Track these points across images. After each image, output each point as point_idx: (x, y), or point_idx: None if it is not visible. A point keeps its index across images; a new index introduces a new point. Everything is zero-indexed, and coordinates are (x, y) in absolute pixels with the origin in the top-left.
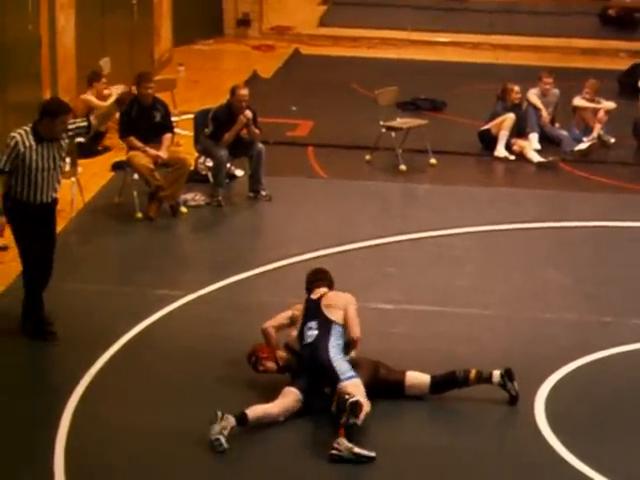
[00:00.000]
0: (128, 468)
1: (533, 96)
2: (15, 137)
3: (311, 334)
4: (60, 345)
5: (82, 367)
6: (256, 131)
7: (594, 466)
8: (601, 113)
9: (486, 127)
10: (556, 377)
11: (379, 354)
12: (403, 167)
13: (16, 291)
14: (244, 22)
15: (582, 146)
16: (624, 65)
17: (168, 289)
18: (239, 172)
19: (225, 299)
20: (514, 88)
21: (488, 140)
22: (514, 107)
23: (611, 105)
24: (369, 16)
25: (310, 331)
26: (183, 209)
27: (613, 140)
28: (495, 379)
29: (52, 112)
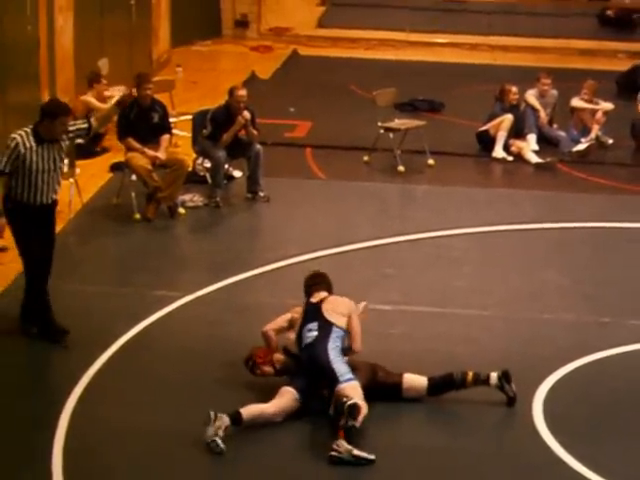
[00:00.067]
0: (126, 468)
1: (531, 97)
2: (16, 138)
3: (310, 335)
4: (59, 346)
5: (81, 368)
6: (254, 132)
7: (592, 467)
8: (599, 114)
9: (484, 128)
10: (554, 378)
11: (377, 355)
12: (401, 168)
13: (15, 291)
14: (242, 23)
15: (580, 147)
16: (622, 66)
17: (166, 290)
18: (237, 173)
19: (223, 300)
20: (512, 89)
21: (486, 141)
22: (512, 108)
23: (609, 106)
24: (367, 17)
25: (310, 332)
26: (181, 210)
27: (611, 141)
28: (492, 381)
29: (52, 113)
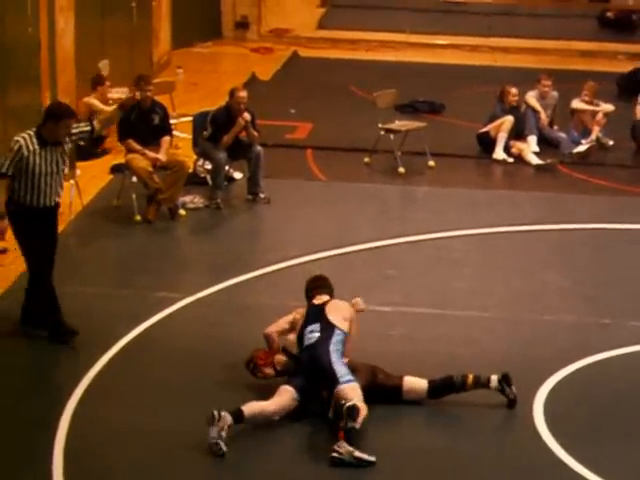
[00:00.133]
0: (127, 469)
1: (532, 98)
2: (19, 141)
3: (312, 336)
4: (59, 347)
5: (81, 369)
6: (255, 133)
7: (593, 468)
8: (599, 115)
9: (485, 129)
10: (555, 379)
11: (378, 356)
12: (402, 169)
13: (16, 293)
14: (243, 25)
15: (580, 148)
16: (623, 68)
17: (167, 291)
18: (238, 174)
19: (224, 301)
20: (511, 90)
21: (487, 142)
22: (512, 109)
23: (609, 107)
24: (367, 19)
25: (311, 334)
26: (182, 212)
27: (612, 142)
28: (493, 384)
29: (56, 116)
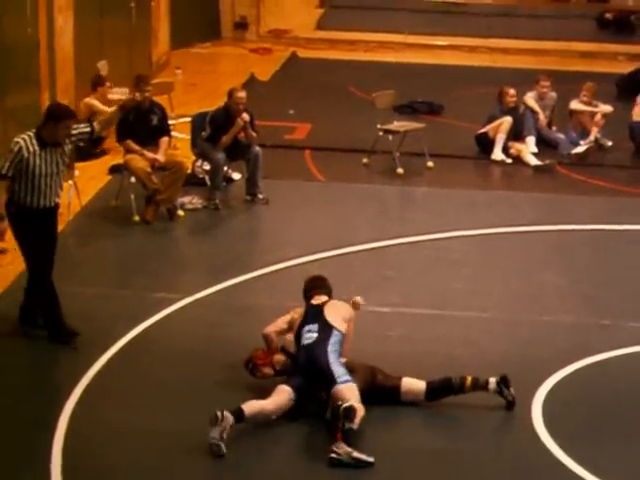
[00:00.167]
0: (126, 469)
1: (530, 99)
2: (19, 142)
3: (310, 336)
4: (58, 347)
5: (80, 369)
6: (253, 134)
7: (592, 469)
8: (598, 116)
9: (483, 130)
10: (554, 380)
11: (377, 357)
12: (400, 170)
13: (15, 293)
14: (241, 25)
15: (579, 149)
16: (622, 69)
17: (166, 292)
18: (236, 175)
19: (223, 302)
20: (509, 91)
21: (485, 143)
22: (511, 110)
23: (608, 108)
24: (366, 19)
25: (309, 333)
26: (180, 212)
27: (610, 143)
28: (491, 386)
29: (56, 117)
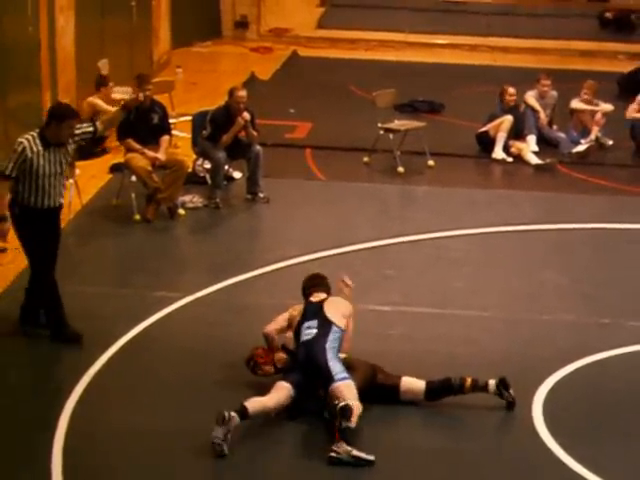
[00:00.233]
0: (126, 469)
1: (531, 98)
2: (22, 143)
3: (309, 332)
4: (59, 346)
5: (80, 368)
6: (254, 133)
7: (592, 468)
8: (599, 115)
9: (484, 129)
10: (554, 379)
11: (377, 356)
12: (401, 169)
13: (15, 292)
14: (242, 24)
15: (580, 148)
16: (623, 67)
17: (166, 291)
18: (237, 174)
19: (223, 301)
20: (508, 90)
21: (486, 142)
22: (512, 109)
23: (609, 107)
24: (367, 18)
25: (308, 330)
26: (181, 211)
27: (611, 142)
28: (491, 388)
29: (59, 117)
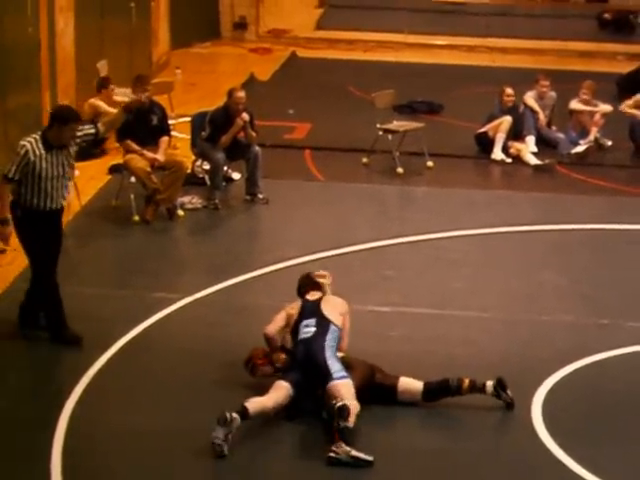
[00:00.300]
0: (125, 469)
1: (530, 99)
2: (25, 146)
3: (307, 331)
4: (58, 347)
5: (80, 369)
6: (253, 134)
7: (591, 468)
8: (597, 116)
9: (483, 130)
10: (553, 380)
11: (377, 356)
12: (400, 170)
13: (14, 293)
14: (241, 25)
15: (579, 149)
16: (621, 68)
17: (165, 292)
18: (236, 175)
19: (222, 302)
20: (506, 90)
21: (485, 143)
22: (511, 110)
23: (608, 108)
24: (365, 19)
25: (307, 328)
26: (180, 212)
27: (610, 143)
28: (488, 389)
29: (62, 120)
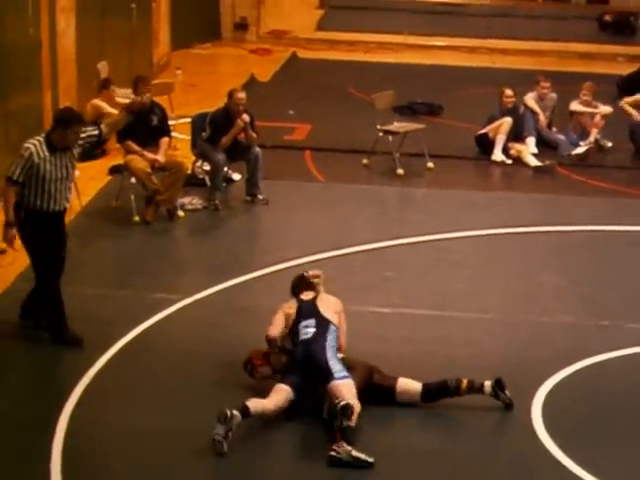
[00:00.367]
0: (125, 469)
1: (530, 100)
2: (29, 148)
3: (307, 331)
4: (59, 348)
5: (80, 370)
6: (253, 135)
7: (591, 470)
8: (598, 117)
9: (483, 131)
10: (553, 381)
11: (377, 357)
12: (400, 171)
13: (15, 293)
14: (241, 26)
15: (579, 150)
16: (622, 70)
17: (165, 293)
18: (236, 176)
19: (222, 302)
20: (505, 92)
21: (485, 144)
22: (511, 111)
23: (608, 109)
24: (366, 20)
25: (306, 329)
26: (180, 213)
27: (610, 144)
28: (487, 390)
29: (65, 122)
